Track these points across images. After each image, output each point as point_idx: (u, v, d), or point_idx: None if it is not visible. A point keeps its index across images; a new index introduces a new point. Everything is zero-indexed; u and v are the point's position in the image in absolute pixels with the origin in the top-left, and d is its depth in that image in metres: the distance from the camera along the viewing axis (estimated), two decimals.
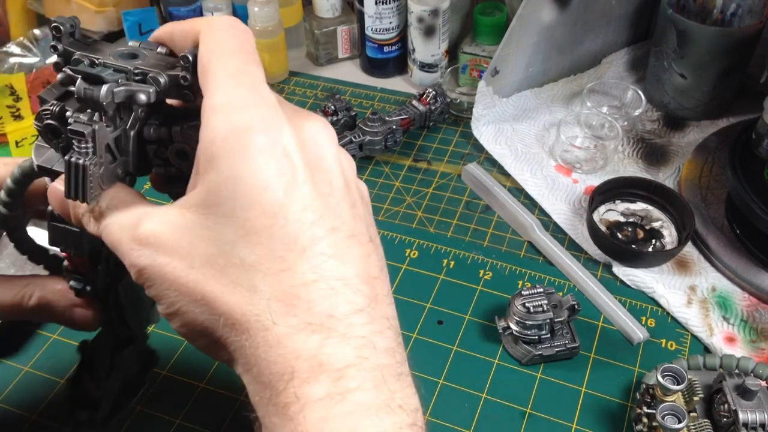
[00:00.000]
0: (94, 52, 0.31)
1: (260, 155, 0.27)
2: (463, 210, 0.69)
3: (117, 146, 0.30)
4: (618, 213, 0.66)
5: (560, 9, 0.74)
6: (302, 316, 0.26)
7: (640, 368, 0.54)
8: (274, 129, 0.27)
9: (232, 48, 0.29)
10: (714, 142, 0.71)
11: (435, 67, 0.84)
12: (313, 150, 0.29)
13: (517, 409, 0.52)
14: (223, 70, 0.28)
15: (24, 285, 0.37)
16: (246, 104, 0.27)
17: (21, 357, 0.56)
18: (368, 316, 0.27)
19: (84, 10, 0.82)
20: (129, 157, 0.31)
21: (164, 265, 0.27)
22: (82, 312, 0.38)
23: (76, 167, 0.28)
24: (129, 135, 0.31)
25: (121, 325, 0.41)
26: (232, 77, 0.28)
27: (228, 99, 0.28)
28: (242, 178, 0.26)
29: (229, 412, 0.52)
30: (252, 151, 0.27)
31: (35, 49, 0.92)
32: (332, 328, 0.26)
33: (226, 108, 0.27)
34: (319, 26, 0.87)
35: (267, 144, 0.27)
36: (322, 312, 0.27)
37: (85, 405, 0.42)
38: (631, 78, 0.83)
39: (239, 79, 0.28)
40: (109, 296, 0.39)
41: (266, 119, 0.27)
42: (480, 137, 0.74)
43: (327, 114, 0.73)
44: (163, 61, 0.31)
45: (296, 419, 0.26)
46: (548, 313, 0.52)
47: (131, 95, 0.29)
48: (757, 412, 0.44)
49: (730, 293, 0.59)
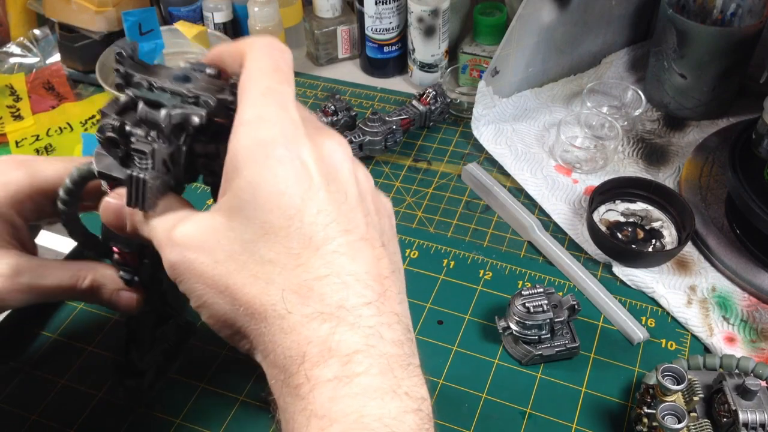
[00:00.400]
0: (152, 75, 0.35)
1: (280, 165, 0.30)
2: (463, 210, 0.69)
3: (171, 160, 0.35)
4: (618, 213, 0.66)
5: (560, 9, 0.74)
6: (315, 306, 0.29)
7: (640, 368, 0.54)
8: (294, 143, 0.31)
9: (267, 67, 0.33)
10: (714, 142, 0.71)
11: (435, 67, 0.84)
12: (329, 163, 0.32)
13: (517, 409, 0.52)
14: (255, 89, 0.32)
15: (78, 269, 0.42)
16: (271, 120, 0.31)
17: (21, 357, 0.56)
18: (376, 309, 0.30)
19: (84, 10, 0.82)
20: (180, 169, 0.35)
21: (192, 260, 0.31)
22: (127, 296, 0.43)
23: (137, 181, 0.33)
24: (181, 150, 0.35)
25: (163, 305, 0.47)
26: (263, 95, 0.31)
27: (256, 115, 0.31)
28: (263, 184, 0.30)
29: (229, 413, 0.52)
30: (273, 161, 0.30)
31: (35, 49, 0.92)
32: (342, 318, 0.29)
33: (253, 123, 0.31)
34: (319, 26, 0.87)
35: (287, 156, 0.30)
36: (333, 303, 0.29)
37: (132, 374, 0.49)
38: (631, 78, 0.83)
39: (269, 97, 0.31)
40: (153, 284, 0.45)
41: (288, 135, 0.31)
42: (480, 137, 0.74)
43: (327, 114, 0.73)
44: (212, 84, 0.35)
45: (306, 398, 0.28)
46: (548, 313, 0.52)
47: (186, 118, 0.33)
48: (757, 412, 0.44)
49: (730, 293, 0.59)
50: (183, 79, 0.35)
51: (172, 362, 0.52)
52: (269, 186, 0.30)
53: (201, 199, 0.59)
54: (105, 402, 0.52)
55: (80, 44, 0.85)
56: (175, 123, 0.33)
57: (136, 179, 0.33)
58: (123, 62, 0.35)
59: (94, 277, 0.42)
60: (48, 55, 0.92)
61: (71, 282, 0.41)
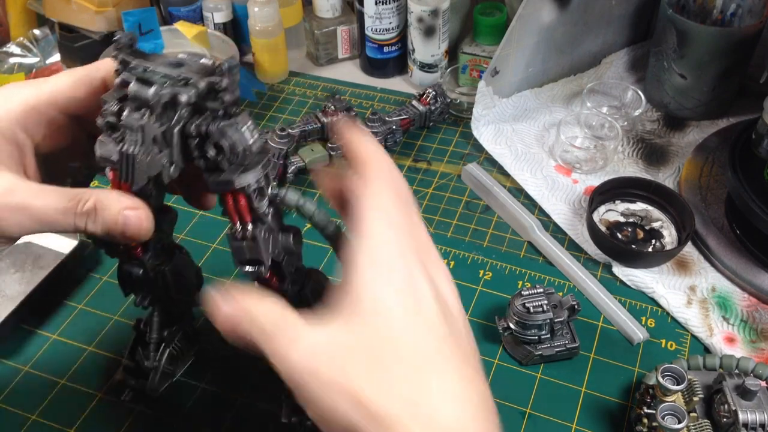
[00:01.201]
0: (148, 62, 0.37)
1: (395, 292, 0.32)
2: (463, 210, 0.69)
3: (163, 139, 0.36)
4: (618, 213, 0.66)
5: (560, 9, 0.74)
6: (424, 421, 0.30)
7: (640, 368, 0.54)
8: (408, 267, 0.33)
9: (390, 190, 0.35)
10: (714, 142, 0.71)
11: (435, 67, 0.84)
12: (439, 291, 0.34)
13: (517, 409, 0.52)
14: (377, 210, 0.34)
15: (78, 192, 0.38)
16: (390, 244, 0.33)
17: (21, 357, 0.56)
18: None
19: (84, 10, 0.82)
20: (173, 150, 0.37)
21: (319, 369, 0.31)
22: (135, 215, 0.38)
23: (127, 156, 0.35)
24: (173, 131, 0.36)
25: (168, 299, 0.47)
26: (383, 218, 0.34)
27: (377, 236, 0.33)
28: (379, 307, 0.32)
29: (229, 413, 0.52)
30: (388, 286, 0.32)
31: (35, 49, 0.92)
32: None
33: (373, 243, 0.33)
34: (319, 26, 0.87)
35: (402, 278, 0.32)
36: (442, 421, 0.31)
37: (138, 375, 0.51)
38: (631, 78, 0.83)
39: (389, 221, 0.34)
40: (158, 279, 0.46)
41: (404, 258, 0.33)
42: (480, 137, 0.74)
43: (327, 114, 0.73)
44: (203, 69, 0.36)
45: None
46: (548, 313, 0.52)
47: (175, 95, 0.35)
48: (757, 413, 0.44)
49: (729, 293, 0.59)
50: (176, 65, 0.36)
51: (177, 367, 0.53)
52: (385, 309, 0.32)
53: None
54: (105, 402, 0.53)
55: (80, 44, 0.84)
56: (164, 101, 0.35)
57: (125, 155, 0.35)
58: (121, 50, 0.36)
59: (97, 197, 0.37)
60: (48, 55, 0.92)
61: (71, 204, 0.37)
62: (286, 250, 0.40)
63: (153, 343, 0.51)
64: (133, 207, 0.38)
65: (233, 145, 0.36)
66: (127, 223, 0.37)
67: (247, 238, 0.38)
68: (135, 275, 0.45)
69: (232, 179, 0.36)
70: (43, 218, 0.36)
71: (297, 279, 0.42)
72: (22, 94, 0.38)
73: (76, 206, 0.37)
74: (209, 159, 0.36)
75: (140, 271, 0.45)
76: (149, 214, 0.38)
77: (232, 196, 0.37)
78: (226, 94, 0.35)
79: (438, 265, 0.35)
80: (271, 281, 0.41)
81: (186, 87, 0.35)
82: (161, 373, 0.51)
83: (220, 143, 0.36)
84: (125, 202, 0.37)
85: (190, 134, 0.36)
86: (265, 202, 0.38)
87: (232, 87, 0.36)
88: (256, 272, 0.39)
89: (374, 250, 0.33)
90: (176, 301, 0.49)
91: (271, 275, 0.40)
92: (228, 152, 0.36)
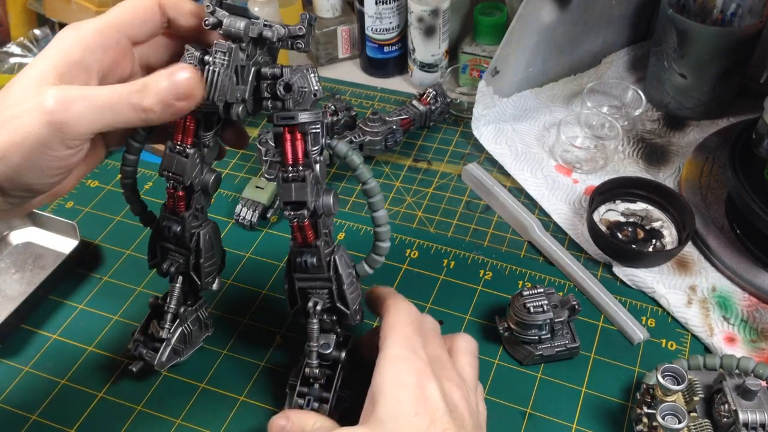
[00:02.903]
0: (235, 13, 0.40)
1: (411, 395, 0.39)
2: (463, 210, 0.69)
3: (242, 74, 0.40)
4: (618, 213, 0.66)
5: (560, 9, 0.74)
6: None
7: (640, 368, 0.54)
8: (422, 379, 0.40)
9: (407, 320, 0.44)
10: (714, 142, 0.71)
11: (435, 67, 0.84)
12: (450, 398, 0.41)
13: (517, 409, 0.52)
14: (398, 335, 0.43)
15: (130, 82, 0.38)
16: (407, 360, 0.41)
17: (21, 357, 0.56)
18: None
19: (84, 10, 0.82)
20: (247, 87, 0.41)
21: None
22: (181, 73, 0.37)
23: (213, 73, 0.39)
24: (251, 69, 0.41)
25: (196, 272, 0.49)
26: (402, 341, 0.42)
27: (396, 355, 0.41)
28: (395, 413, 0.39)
29: (229, 413, 0.52)
30: (405, 392, 0.39)
31: (35, 49, 0.92)
32: None
33: (393, 361, 0.41)
34: (320, 26, 0.87)
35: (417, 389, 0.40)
36: None
37: (149, 347, 0.51)
38: (632, 78, 0.83)
39: (406, 343, 0.42)
40: (191, 240, 0.48)
41: (418, 372, 0.40)
42: (480, 137, 0.74)
43: (327, 114, 0.73)
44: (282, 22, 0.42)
45: None
46: (548, 313, 0.52)
47: (261, 32, 0.40)
48: (758, 412, 0.44)
49: (730, 293, 0.59)
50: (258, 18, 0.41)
51: (185, 349, 0.53)
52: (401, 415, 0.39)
53: None
54: (105, 402, 0.53)
55: None
56: (253, 36, 0.39)
57: (212, 71, 0.39)
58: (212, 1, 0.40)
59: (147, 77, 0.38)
60: None
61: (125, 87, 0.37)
62: (326, 209, 0.43)
63: (170, 314, 0.51)
64: (179, 68, 0.37)
65: (302, 86, 0.41)
66: (177, 82, 0.37)
67: (297, 179, 0.41)
68: (173, 231, 0.47)
69: (296, 113, 0.41)
70: (101, 102, 0.36)
71: (329, 241, 0.45)
72: (92, 24, 0.39)
73: (131, 87, 0.37)
74: (278, 97, 0.41)
75: (179, 228, 0.47)
76: (196, 70, 0.38)
77: (290, 135, 0.41)
78: (301, 41, 0.41)
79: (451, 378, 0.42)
80: (308, 232, 0.43)
81: (271, 28, 0.40)
82: (171, 349, 0.51)
83: (290, 83, 0.40)
84: (171, 68, 0.38)
85: (265, 75, 0.41)
86: (318, 149, 0.42)
87: (308, 36, 0.41)
88: (298, 215, 0.42)
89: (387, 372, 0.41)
90: (201, 271, 0.49)
91: (308, 226, 0.43)
92: (296, 92, 0.41)
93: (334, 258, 0.45)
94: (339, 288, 0.46)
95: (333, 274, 0.45)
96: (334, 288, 0.46)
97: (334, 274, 0.45)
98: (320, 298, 0.46)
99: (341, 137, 0.70)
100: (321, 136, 0.42)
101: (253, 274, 0.62)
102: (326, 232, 0.45)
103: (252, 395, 0.53)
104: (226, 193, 0.71)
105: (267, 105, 0.42)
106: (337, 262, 0.45)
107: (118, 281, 0.62)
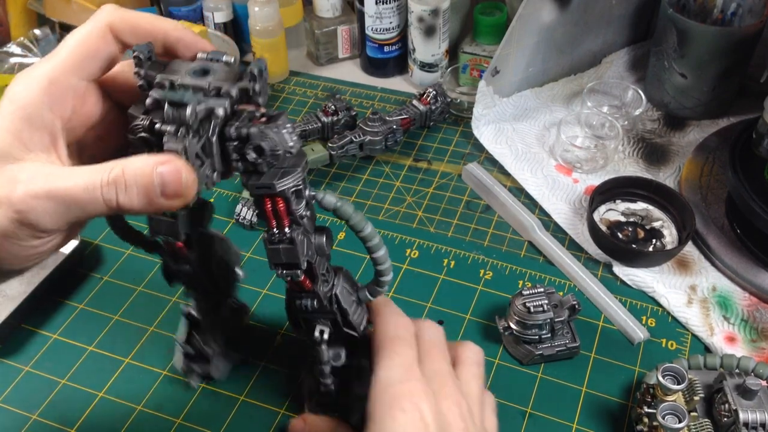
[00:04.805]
0: (172, 73, 0.36)
1: (404, 415, 0.38)
2: (463, 210, 0.69)
3: (203, 151, 0.35)
4: (618, 213, 0.66)
5: (560, 9, 0.74)
6: None
7: (640, 368, 0.54)
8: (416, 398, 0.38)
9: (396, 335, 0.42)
10: (714, 141, 0.71)
11: (435, 66, 0.84)
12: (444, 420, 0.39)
13: (517, 408, 0.52)
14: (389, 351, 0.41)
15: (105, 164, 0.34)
16: (400, 380, 0.39)
17: (21, 357, 0.56)
18: None
19: (84, 9, 0.82)
20: (213, 158, 0.36)
21: None
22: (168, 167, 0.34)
23: None
24: (212, 140, 0.35)
25: (215, 288, 0.49)
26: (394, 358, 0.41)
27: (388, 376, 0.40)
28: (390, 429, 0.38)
29: (229, 413, 0.52)
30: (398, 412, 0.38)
31: (35, 49, 0.92)
32: None
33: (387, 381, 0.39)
34: (320, 26, 0.87)
35: (409, 408, 0.38)
36: None
37: (199, 359, 0.51)
38: (632, 78, 0.83)
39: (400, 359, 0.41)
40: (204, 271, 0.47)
41: (413, 392, 0.39)
42: (480, 137, 0.74)
43: (327, 114, 0.73)
44: (231, 74, 0.36)
45: None
46: (548, 312, 0.52)
47: (211, 111, 0.34)
48: (758, 412, 0.44)
49: (730, 293, 0.59)
50: (202, 73, 0.35)
51: (236, 348, 0.53)
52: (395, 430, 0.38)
53: None
54: (105, 402, 0.53)
55: None
56: (201, 118, 0.34)
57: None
58: (142, 65, 0.35)
59: (123, 163, 0.33)
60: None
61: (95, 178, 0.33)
62: (319, 251, 0.40)
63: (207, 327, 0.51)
64: (166, 160, 0.34)
65: (274, 148, 0.35)
66: (164, 181, 0.33)
67: (284, 242, 0.38)
68: (185, 272, 0.46)
69: (273, 183, 0.36)
70: (70, 200, 0.33)
71: (327, 278, 0.43)
72: (39, 71, 0.35)
73: (101, 177, 0.33)
74: (248, 161, 0.36)
75: (188, 268, 0.45)
76: (186, 164, 0.34)
77: (270, 199, 0.37)
78: (259, 97, 0.35)
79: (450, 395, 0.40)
80: (305, 283, 0.41)
81: (219, 99, 0.35)
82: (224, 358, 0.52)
83: (261, 145, 0.35)
84: (155, 158, 0.34)
85: (229, 137, 0.35)
86: (303, 205, 0.38)
87: (264, 89, 0.35)
88: (292, 274, 0.39)
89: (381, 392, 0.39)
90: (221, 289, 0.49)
91: (304, 278, 0.40)
92: (269, 155, 0.35)
93: (335, 294, 0.43)
94: (344, 318, 0.44)
95: (336, 308, 0.43)
96: (339, 318, 0.44)
97: (338, 309, 0.43)
98: (326, 326, 0.44)
99: (341, 137, 0.70)
100: (304, 189, 0.38)
101: (253, 274, 0.62)
102: (323, 272, 0.42)
103: (252, 395, 0.53)
104: (226, 193, 0.71)
105: (237, 166, 0.37)
106: (338, 298, 0.43)
107: (118, 281, 0.62)
